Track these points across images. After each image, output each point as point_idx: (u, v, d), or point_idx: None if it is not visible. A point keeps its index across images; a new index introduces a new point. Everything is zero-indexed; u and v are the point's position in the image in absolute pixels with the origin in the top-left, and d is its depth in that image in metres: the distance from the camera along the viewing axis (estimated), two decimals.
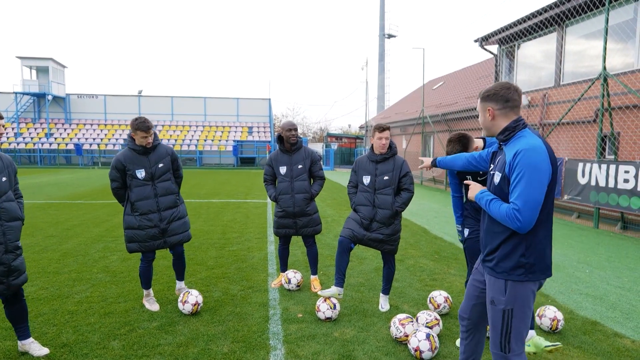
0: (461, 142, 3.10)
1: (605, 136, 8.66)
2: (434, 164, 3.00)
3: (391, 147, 3.73)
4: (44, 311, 3.67)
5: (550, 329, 3.37)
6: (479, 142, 3.15)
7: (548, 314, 3.39)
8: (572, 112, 9.85)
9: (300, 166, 4.24)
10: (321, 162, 4.42)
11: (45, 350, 2.92)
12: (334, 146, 34.17)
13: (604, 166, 7.98)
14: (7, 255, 2.64)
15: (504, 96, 2.02)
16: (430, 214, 9.65)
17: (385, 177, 3.67)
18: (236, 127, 34.97)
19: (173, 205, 3.72)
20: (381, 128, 3.64)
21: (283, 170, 4.26)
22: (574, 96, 10.04)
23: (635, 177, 7.38)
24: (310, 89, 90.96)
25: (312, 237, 4.40)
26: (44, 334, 3.24)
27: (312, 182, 4.42)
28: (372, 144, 3.73)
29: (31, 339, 2.94)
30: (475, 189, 2.16)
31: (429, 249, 6.23)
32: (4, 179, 2.64)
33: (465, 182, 2.39)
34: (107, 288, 4.29)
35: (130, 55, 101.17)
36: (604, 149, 8.63)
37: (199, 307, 3.64)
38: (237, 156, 31.53)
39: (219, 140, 32.61)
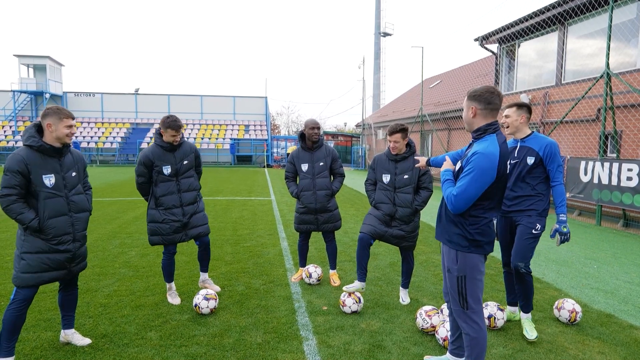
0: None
1: (608, 134, 8.85)
2: (428, 164, 3.22)
3: (410, 146, 3.80)
4: (77, 304, 3.74)
5: (569, 320, 3.51)
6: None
7: (567, 306, 3.52)
8: (573, 111, 10.02)
9: (321, 163, 4.33)
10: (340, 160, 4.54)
11: (87, 341, 3.02)
12: (331, 144, 34.33)
13: (606, 164, 8.14)
14: (74, 244, 2.80)
15: (487, 99, 2.34)
16: (435, 211, 9.80)
17: (405, 176, 3.75)
18: (233, 125, 34.95)
19: (194, 201, 3.86)
20: (390, 131, 3.70)
21: (305, 167, 4.35)
22: (576, 95, 10.22)
23: (639, 175, 7.56)
24: (306, 87, 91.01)
25: (332, 233, 4.52)
26: (82, 325, 3.33)
27: (332, 179, 4.53)
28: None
29: (73, 330, 3.05)
30: (445, 166, 2.56)
31: (438, 245, 6.37)
32: (73, 173, 2.80)
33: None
34: (133, 282, 4.38)
35: (127, 53, 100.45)
36: (606, 147, 8.81)
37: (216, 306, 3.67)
38: (234, 154, 31.54)
39: (216, 139, 32.59)
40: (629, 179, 7.73)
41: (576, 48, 10.81)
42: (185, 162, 3.78)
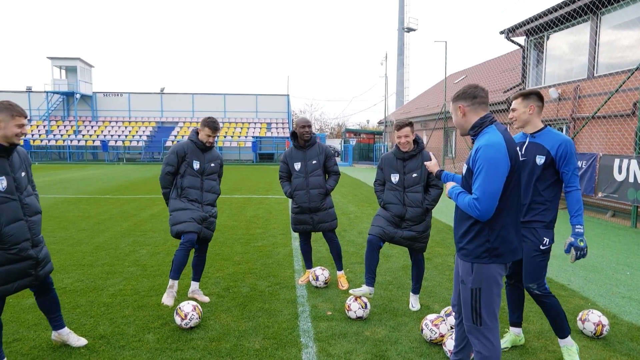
0: None
1: None
2: (438, 176, 2.71)
3: (417, 143, 3.61)
4: (80, 303, 3.77)
5: (594, 334, 3.21)
6: None
7: (592, 319, 3.22)
8: (607, 105, 9.42)
9: (314, 162, 4.25)
10: (336, 158, 4.38)
11: (83, 341, 2.99)
12: (353, 142, 33.98)
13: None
14: (34, 249, 2.64)
15: (470, 94, 2.23)
16: (449, 209, 9.43)
17: (414, 175, 3.58)
18: (255, 123, 35.22)
19: (213, 204, 3.90)
20: (398, 126, 3.51)
21: (297, 166, 4.29)
22: (609, 88, 9.61)
23: None
24: (329, 84, 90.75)
25: (332, 232, 4.34)
26: (82, 325, 3.32)
27: (327, 177, 4.40)
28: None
29: (67, 329, 3.00)
30: (447, 187, 2.38)
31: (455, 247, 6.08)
32: (22, 173, 2.62)
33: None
34: (139, 281, 4.37)
35: (153, 54, 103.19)
36: None
37: (198, 308, 3.38)
38: (256, 152, 31.77)
39: (238, 137, 32.92)
40: None
41: (610, 39, 10.16)
42: (211, 164, 3.87)
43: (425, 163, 2.99)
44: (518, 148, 2.90)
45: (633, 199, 7.80)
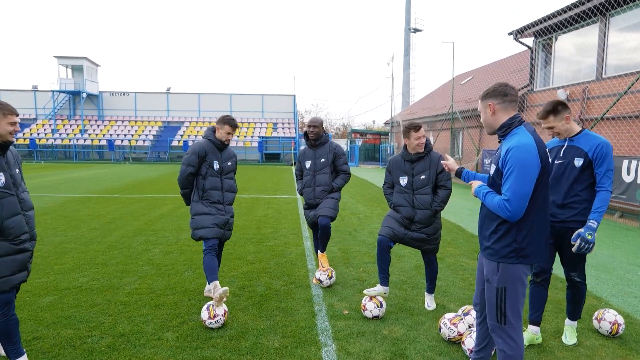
0: None
1: None
2: (458, 174, 2.69)
3: (426, 145, 3.62)
4: (98, 301, 3.80)
5: (610, 333, 3.23)
6: None
7: (608, 318, 3.24)
8: (616, 107, 9.39)
9: (323, 159, 4.34)
10: (346, 157, 4.42)
11: None
12: (359, 142, 33.96)
13: None
14: (31, 242, 2.66)
15: (502, 91, 2.21)
16: (464, 211, 9.44)
17: (423, 176, 3.58)
18: (261, 123, 35.28)
19: (232, 203, 3.93)
20: (417, 127, 3.53)
21: (308, 164, 4.42)
22: (618, 90, 9.57)
23: None
24: (335, 85, 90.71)
25: (324, 217, 4.27)
26: (101, 323, 3.36)
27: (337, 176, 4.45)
28: (406, 144, 3.61)
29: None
30: (474, 186, 2.36)
31: (467, 247, 6.09)
32: (17, 170, 2.66)
33: (469, 182, 2.51)
34: (154, 280, 4.40)
35: (159, 53, 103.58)
36: None
37: (227, 314, 3.40)
38: (262, 152, 31.82)
39: (245, 137, 32.99)
40: None
41: (619, 41, 10.12)
42: (229, 163, 3.90)
43: (442, 162, 2.87)
44: (557, 151, 3.06)
45: None
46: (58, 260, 5.09)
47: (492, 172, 2.26)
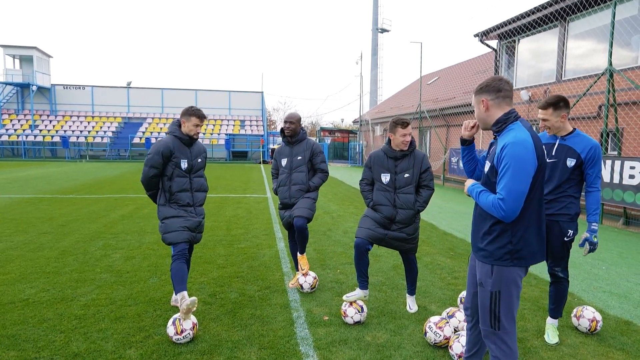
0: None
1: (610, 132, 8.62)
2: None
3: (411, 142, 3.48)
4: (48, 316, 3.38)
5: (589, 330, 3.24)
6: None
7: (586, 315, 3.25)
8: (574, 108, 9.79)
9: (299, 157, 4.13)
10: (324, 155, 4.23)
11: None
12: (327, 140, 33.91)
13: (608, 162, 7.94)
14: None
15: (495, 87, 2.10)
16: (434, 209, 9.52)
17: (406, 175, 3.44)
18: (228, 120, 34.43)
19: (203, 203, 3.62)
20: (405, 123, 3.37)
21: (284, 162, 4.20)
22: (576, 92, 9.99)
23: None
24: (303, 82, 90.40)
25: (300, 217, 4.04)
26: (52, 342, 2.96)
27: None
28: (390, 139, 3.46)
29: None
30: (467, 184, 2.24)
31: (442, 245, 6.07)
32: None
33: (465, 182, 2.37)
34: (114, 290, 4.01)
35: (119, 45, 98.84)
36: (607, 145, 8.59)
37: (197, 327, 3.07)
38: (229, 150, 31.06)
39: (211, 134, 32.07)
40: (632, 177, 7.55)
41: (577, 45, 10.57)
42: (199, 160, 3.57)
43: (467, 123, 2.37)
44: (548, 149, 3.03)
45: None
46: (1, 270, 4.55)
47: (486, 169, 2.13)
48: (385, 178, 3.50)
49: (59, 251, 5.34)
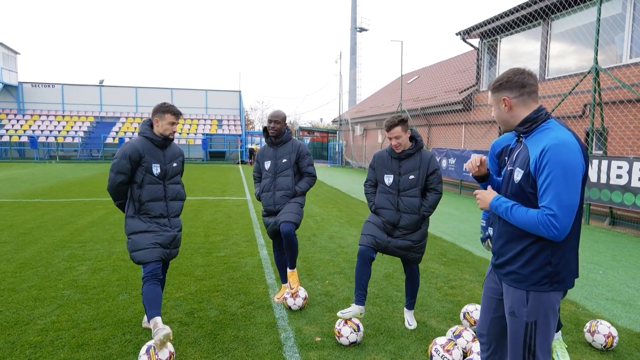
0: None
1: (595, 131, 8.63)
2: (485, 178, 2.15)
3: (416, 141, 3.21)
4: None
5: (605, 346, 3.01)
6: None
7: (602, 330, 3.02)
8: (558, 107, 9.79)
9: (284, 160, 3.76)
10: (311, 158, 3.87)
11: None
12: (306, 140, 33.56)
13: (595, 162, 7.92)
14: None
15: (518, 82, 1.79)
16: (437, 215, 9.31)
17: (411, 177, 3.17)
18: (205, 119, 33.58)
19: (179, 214, 3.18)
20: (388, 126, 3.08)
21: (267, 165, 3.81)
22: (560, 91, 10.01)
23: (629, 172, 7.34)
24: (281, 81, 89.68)
25: (287, 222, 3.69)
26: None
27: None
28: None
29: None
30: (488, 196, 1.86)
31: (433, 251, 5.83)
32: None
33: (474, 192, 1.97)
34: (78, 309, 3.55)
35: (91, 42, 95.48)
36: (592, 144, 8.60)
37: (174, 357, 2.72)
38: (206, 150, 30.26)
39: (187, 133, 31.19)
40: (619, 176, 7.54)
41: (560, 43, 10.60)
42: (174, 164, 3.14)
43: (475, 157, 1.99)
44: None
45: (586, 197, 8.10)
46: None
47: (518, 178, 1.78)
48: (389, 180, 3.22)
49: (17, 264, 4.80)
